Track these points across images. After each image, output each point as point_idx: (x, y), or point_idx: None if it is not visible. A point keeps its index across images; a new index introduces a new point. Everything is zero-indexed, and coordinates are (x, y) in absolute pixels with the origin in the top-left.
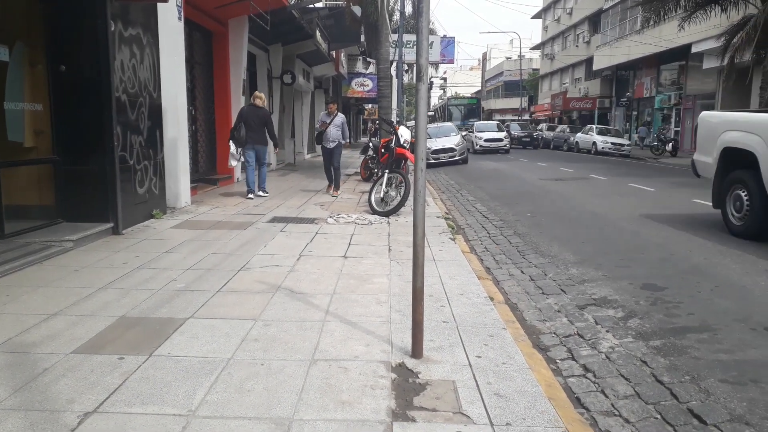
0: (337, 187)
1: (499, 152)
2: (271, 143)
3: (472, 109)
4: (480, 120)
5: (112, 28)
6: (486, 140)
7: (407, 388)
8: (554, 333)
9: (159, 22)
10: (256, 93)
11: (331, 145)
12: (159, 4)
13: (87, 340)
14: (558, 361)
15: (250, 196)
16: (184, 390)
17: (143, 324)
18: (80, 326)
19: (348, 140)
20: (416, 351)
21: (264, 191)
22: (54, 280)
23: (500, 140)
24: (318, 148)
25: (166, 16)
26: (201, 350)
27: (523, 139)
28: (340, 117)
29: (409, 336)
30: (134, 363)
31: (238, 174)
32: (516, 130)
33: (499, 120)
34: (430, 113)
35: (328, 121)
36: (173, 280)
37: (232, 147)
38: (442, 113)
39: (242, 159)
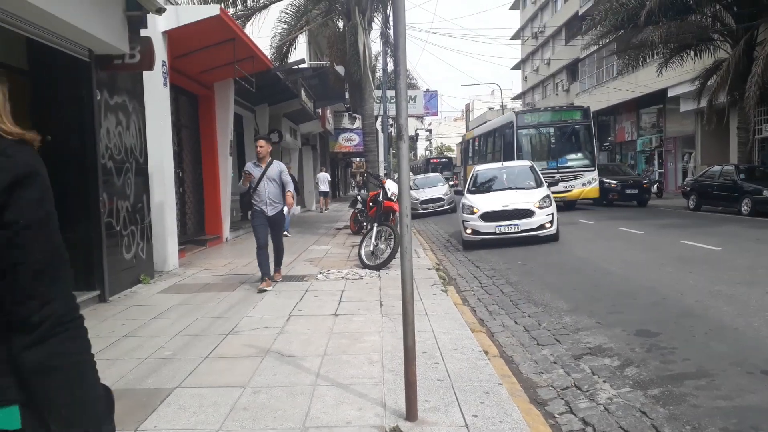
0: (279, 267)
1: (539, 237)
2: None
3: (571, 134)
4: (590, 153)
5: (99, 97)
6: (486, 215)
7: None
8: (551, 386)
9: (145, 89)
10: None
11: (272, 211)
12: (145, 72)
13: None
14: (556, 415)
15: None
16: None
17: (129, 396)
18: None
19: (295, 198)
20: (410, 413)
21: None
22: None
23: (527, 213)
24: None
25: (152, 82)
26: (188, 422)
27: (627, 192)
28: (277, 166)
29: (403, 397)
30: None
31: (227, 234)
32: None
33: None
34: (452, 149)
35: (257, 175)
36: (161, 348)
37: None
38: (497, 147)
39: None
